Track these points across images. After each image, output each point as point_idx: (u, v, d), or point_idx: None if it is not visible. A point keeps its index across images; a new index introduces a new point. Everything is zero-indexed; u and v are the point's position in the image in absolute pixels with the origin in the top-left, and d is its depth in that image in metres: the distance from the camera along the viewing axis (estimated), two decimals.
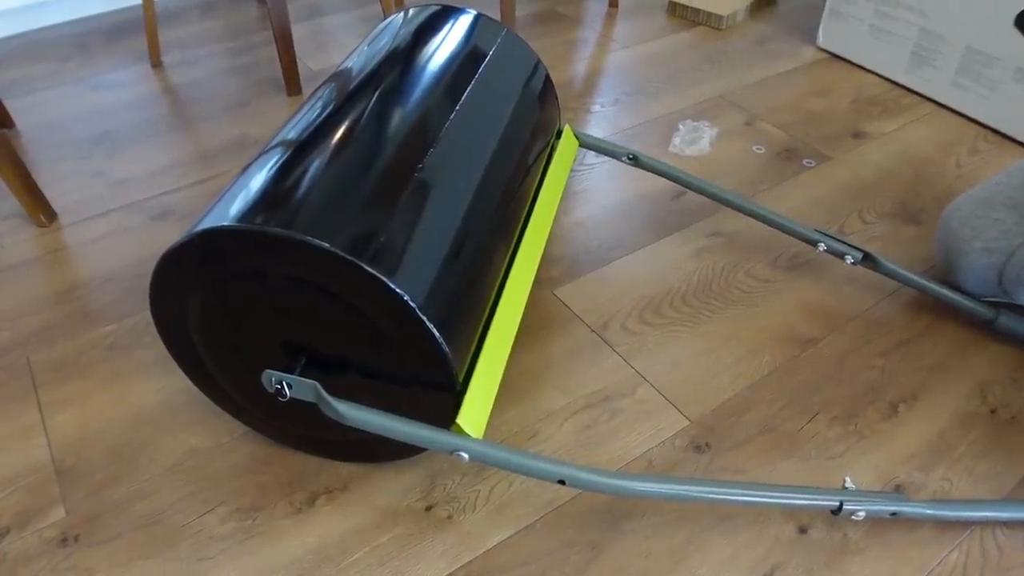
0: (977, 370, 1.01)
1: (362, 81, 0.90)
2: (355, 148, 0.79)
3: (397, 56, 0.94)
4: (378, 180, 0.76)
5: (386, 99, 0.86)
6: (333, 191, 0.73)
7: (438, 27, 1.01)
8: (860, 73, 1.67)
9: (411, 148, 0.81)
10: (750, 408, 0.94)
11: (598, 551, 0.80)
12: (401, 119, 0.84)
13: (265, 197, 0.72)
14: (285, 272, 0.71)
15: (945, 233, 1.04)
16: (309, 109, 0.87)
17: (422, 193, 0.77)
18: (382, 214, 0.72)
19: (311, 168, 0.76)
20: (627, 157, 1.14)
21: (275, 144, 0.82)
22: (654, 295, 1.09)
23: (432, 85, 0.90)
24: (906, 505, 0.79)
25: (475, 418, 0.74)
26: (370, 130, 0.82)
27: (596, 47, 1.74)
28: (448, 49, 0.97)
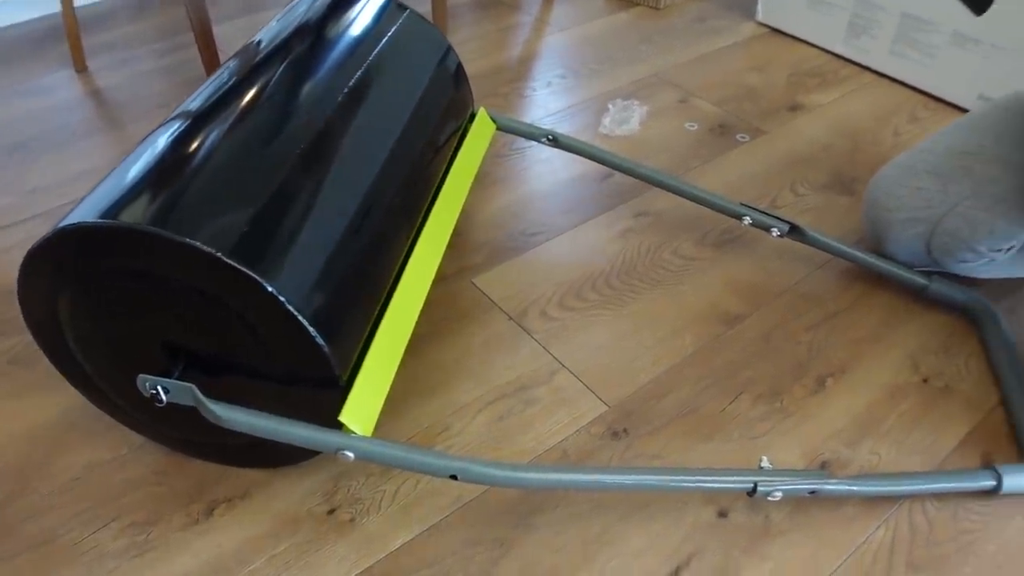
0: (909, 339, 0.98)
1: (252, 66, 0.86)
2: (234, 135, 0.75)
3: (291, 39, 0.90)
4: (254, 168, 0.72)
5: (272, 84, 0.82)
6: (204, 182, 0.69)
7: (339, 9, 0.97)
8: (799, 46, 1.64)
9: (293, 133, 0.77)
10: (671, 391, 0.90)
11: (506, 548, 0.76)
12: (284, 103, 0.80)
13: (133, 190, 0.68)
14: (152, 270, 0.66)
15: (870, 204, 1.01)
16: (194, 97, 0.83)
17: (302, 180, 0.73)
18: (255, 204, 0.68)
19: (184, 158, 0.72)
20: (546, 138, 1.10)
21: (155, 133, 0.77)
22: (576, 279, 1.05)
23: (321, 68, 0.86)
24: (825, 482, 0.75)
25: (362, 414, 0.70)
26: (251, 116, 0.78)
27: (532, 31, 1.71)
28: (342, 31, 0.93)
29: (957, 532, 0.79)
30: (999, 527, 0.79)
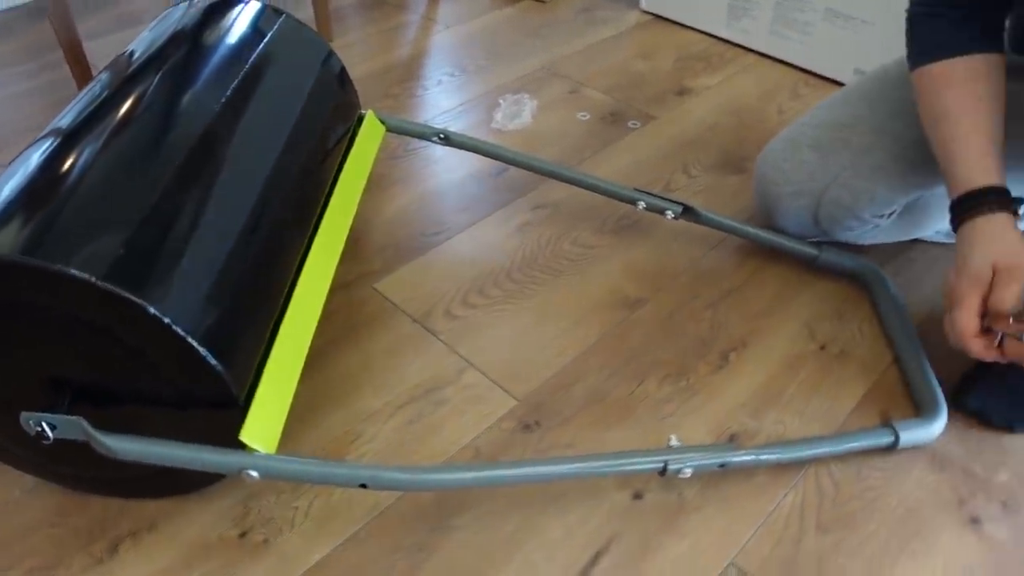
0: (804, 309, 1.01)
1: (124, 79, 0.82)
2: (107, 153, 0.71)
3: (164, 49, 0.87)
4: (130, 186, 0.69)
5: (145, 96, 0.79)
6: (77, 204, 0.66)
7: (213, 18, 0.94)
8: (683, 31, 1.67)
9: (169, 146, 0.74)
10: (578, 379, 0.91)
11: (427, 552, 0.75)
12: (159, 116, 0.77)
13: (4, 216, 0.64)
14: (28, 301, 0.63)
15: (759, 180, 1.03)
16: (63, 115, 0.78)
17: (181, 195, 0.70)
18: (133, 224, 0.65)
19: (54, 179, 0.68)
20: (437, 137, 1.09)
21: (21, 156, 0.73)
22: (478, 276, 1.04)
23: (196, 78, 0.83)
24: (733, 455, 0.77)
25: (264, 432, 0.68)
26: (125, 132, 0.74)
27: (419, 30, 1.69)
28: (217, 40, 0.90)
29: (861, 490, 0.81)
30: (900, 481, 0.82)
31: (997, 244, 0.75)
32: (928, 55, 0.84)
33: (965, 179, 0.79)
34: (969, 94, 0.81)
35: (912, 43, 0.87)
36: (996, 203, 0.77)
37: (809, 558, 0.75)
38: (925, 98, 0.85)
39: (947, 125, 0.82)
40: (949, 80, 0.82)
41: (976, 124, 0.80)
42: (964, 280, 0.76)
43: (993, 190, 0.77)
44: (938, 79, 0.83)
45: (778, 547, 0.76)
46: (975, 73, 0.81)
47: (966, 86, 0.81)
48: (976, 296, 0.75)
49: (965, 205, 0.78)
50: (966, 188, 0.78)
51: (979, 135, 0.80)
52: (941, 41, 0.83)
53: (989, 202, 0.77)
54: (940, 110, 0.82)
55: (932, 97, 0.84)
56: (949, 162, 0.81)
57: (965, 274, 0.76)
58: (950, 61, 0.82)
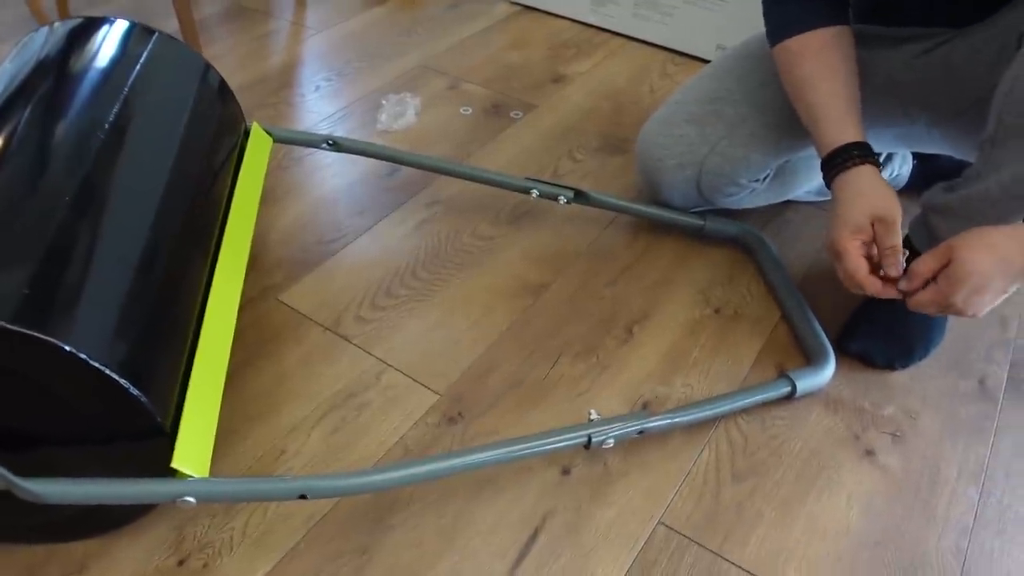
0: (697, 277, 1.06)
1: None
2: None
3: (35, 76, 0.83)
4: (22, 225, 0.66)
5: (22, 125, 0.76)
6: None
7: (84, 40, 0.91)
8: (552, 20, 1.71)
9: (57, 180, 0.72)
10: (494, 367, 0.93)
11: (369, 554, 0.76)
12: (40, 145, 0.74)
13: None
14: None
15: (641, 158, 1.08)
16: None
17: (77, 229, 0.69)
18: (26, 260, 0.63)
19: None
20: (326, 144, 1.09)
21: None
22: (383, 277, 1.05)
23: (76, 106, 0.80)
24: (649, 420, 0.81)
25: (195, 457, 0.67)
26: (8, 169, 0.71)
27: (289, 37, 1.67)
28: (93, 61, 0.87)
29: (767, 439, 0.87)
30: (800, 425, 0.89)
31: (869, 195, 0.82)
32: (784, 32, 0.91)
33: (831, 138, 0.86)
34: (824, 63, 0.88)
35: (769, 23, 0.93)
36: (860, 157, 0.84)
37: (728, 507, 0.81)
38: (785, 71, 0.92)
39: (808, 92, 0.89)
40: (804, 52, 0.89)
41: (833, 89, 0.87)
42: (844, 232, 0.82)
43: (856, 145, 0.84)
44: (795, 53, 0.90)
45: (700, 501, 0.81)
46: (827, 44, 0.88)
47: (820, 56, 0.88)
48: (857, 244, 0.81)
49: (834, 162, 0.85)
50: (832, 146, 0.85)
51: (837, 98, 0.87)
52: (793, 19, 0.90)
53: (854, 157, 0.84)
54: (800, 80, 0.89)
55: (792, 69, 0.90)
56: (814, 125, 0.88)
57: (844, 226, 0.82)
58: (803, 35, 0.89)
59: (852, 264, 0.81)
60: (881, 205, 0.81)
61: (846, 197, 0.83)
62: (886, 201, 0.81)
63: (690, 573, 0.75)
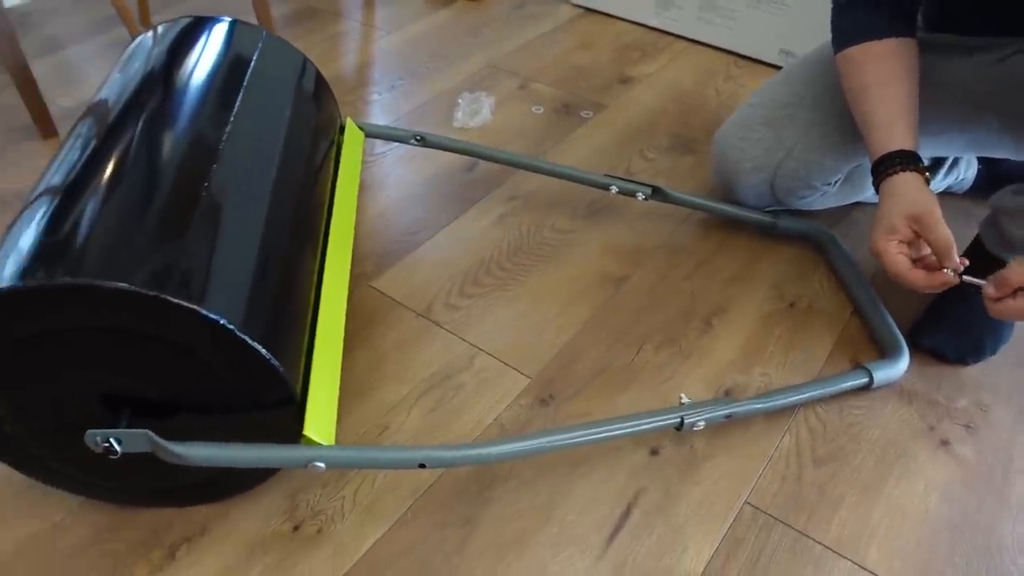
0: (770, 272, 1.10)
1: (124, 109, 0.84)
2: (132, 179, 0.74)
3: (157, 77, 0.89)
4: (164, 207, 0.72)
5: (155, 123, 0.82)
6: (117, 227, 0.69)
7: (194, 40, 0.96)
8: (615, 23, 1.75)
9: (192, 168, 0.77)
10: (581, 354, 0.98)
11: (472, 524, 0.81)
12: (175, 141, 0.80)
13: (43, 248, 0.66)
14: (86, 323, 0.65)
15: (717, 159, 1.12)
16: (70, 148, 0.80)
17: (214, 212, 0.74)
18: (176, 241, 0.69)
19: (88, 208, 0.70)
20: (414, 139, 1.15)
21: (40, 192, 0.75)
22: (469, 267, 1.10)
23: (201, 101, 0.86)
24: (737, 406, 0.85)
25: (323, 425, 0.72)
26: (144, 157, 0.77)
27: (361, 38, 1.73)
28: (210, 61, 0.92)
29: (846, 426, 0.91)
30: (877, 415, 0.92)
31: (902, 197, 0.86)
32: (847, 40, 0.95)
33: (879, 145, 0.89)
34: (883, 72, 0.92)
35: (834, 30, 0.97)
36: (903, 164, 0.87)
37: (811, 489, 0.84)
38: (846, 78, 0.95)
39: (864, 100, 0.92)
40: (865, 61, 0.93)
41: (888, 96, 0.91)
42: (879, 233, 0.86)
43: (901, 153, 0.87)
44: (856, 61, 0.94)
45: (784, 483, 0.85)
46: (887, 53, 0.92)
47: (880, 65, 0.92)
48: (894, 243, 0.85)
49: (880, 167, 0.89)
50: (880, 153, 0.89)
51: (890, 106, 0.90)
52: (858, 28, 0.94)
53: (897, 164, 0.87)
54: (858, 87, 0.93)
55: (852, 76, 0.94)
56: (867, 131, 0.92)
57: (880, 228, 0.86)
58: (866, 44, 0.93)
59: (891, 261, 0.85)
60: (913, 204, 0.84)
61: (883, 201, 0.87)
62: (918, 200, 0.84)
63: (777, 549, 0.79)
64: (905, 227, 0.85)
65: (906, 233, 0.85)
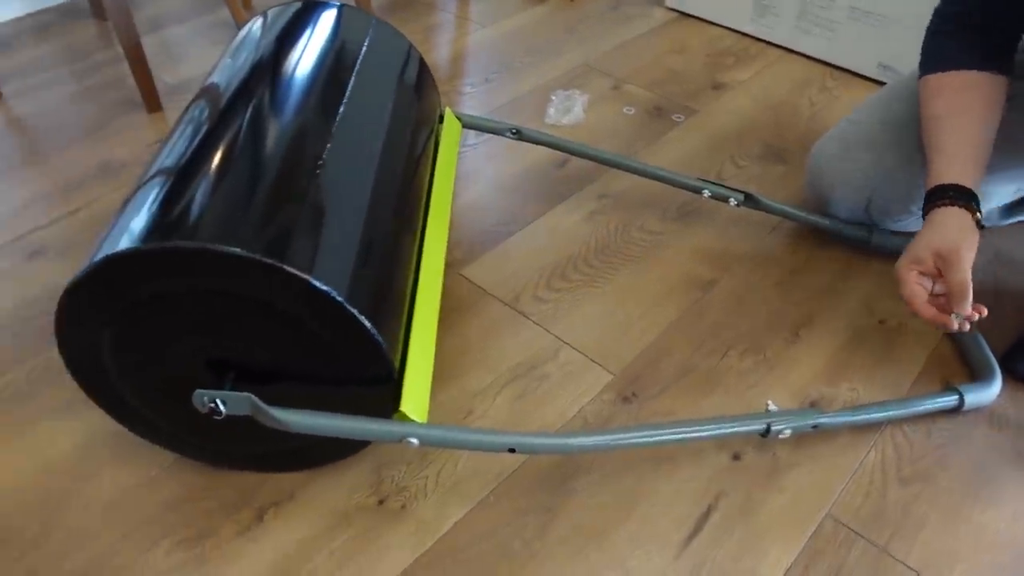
0: (861, 287, 1.09)
1: (240, 87, 0.87)
2: (249, 152, 0.77)
3: (271, 58, 0.92)
4: (280, 180, 0.75)
5: (271, 101, 0.85)
6: (235, 197, 0.72)
7: (306, 25, 1.00)
8: (709, 28, 1.75)
9: (307, 146, 0.80)
10: (666, 353, 0.98)
11: (553, 513, 0.82)
12: (291, 119, 0.83)
13: (165, 213, 0.70)
14: (201, 286, 0.69)
15: (812, 174, 1.11)
16: (188, 123, 0.84)
17: (327, 188, 0.77)
18: (291, 213, 0.72)
19: (207, 178, 0.74)
20: (510, 132, 1.16)
21: (162, 160, 0.79)
22: (557, 262, 1.11)
23: (315, 82, 0.89)
24: (824, 417, 0.85)
25: (417, 403, 0.75)
26: (261, 133, 0.80)
27: (456, 29, 1.75)
28: (322, 45, 0.95)
29: (933, 447, 0.90)
30: (965, 439, 0.91)
31: (937, 231, 0.84)
32: (932, 66, 0.94)
33: (937, 175, 0.88)
34: (958, 103, 0.90)
35: (923, 54, 0.96)
36: (952, 199, 0.85)
37: (895, 508, 0.84)
38: (923, 104, 0.94)
39: (935, 127, 0.91)
40: (943, 90, 0.92)
41: (958, 127, 0.89)
42: (904, 260, 0.87)
43: (956, 188, 0.86)
44: (934, 88, 0.93)
45: (867, 499, 0.84)
46: (966, 85, 0.90)
47: (957, 96, 0.91)
48: (913, 274, 0.85)
49: (931, 197, 0.88)
50: (936, 182, 0.88)
51: (958, 137, 0.89)
52: (943, 56, 0.93)
53: (947, 197, 0.86)
54: (932, 115, 0.92)
55: (928, 103, 0.93)
56: (930, 158, 0.90)
57: (907, 255, 0.86)
58: (949, 73, 0.92)
59: (907, 291, 0.85)
60: (944, 240, 0.83)
61: (922, 230, 0.87)
62: (952, 237, 0.83)
63: (857, 565, 0.79)
64: (930, 260, 0.84)
65: (929, 266, 0.85)
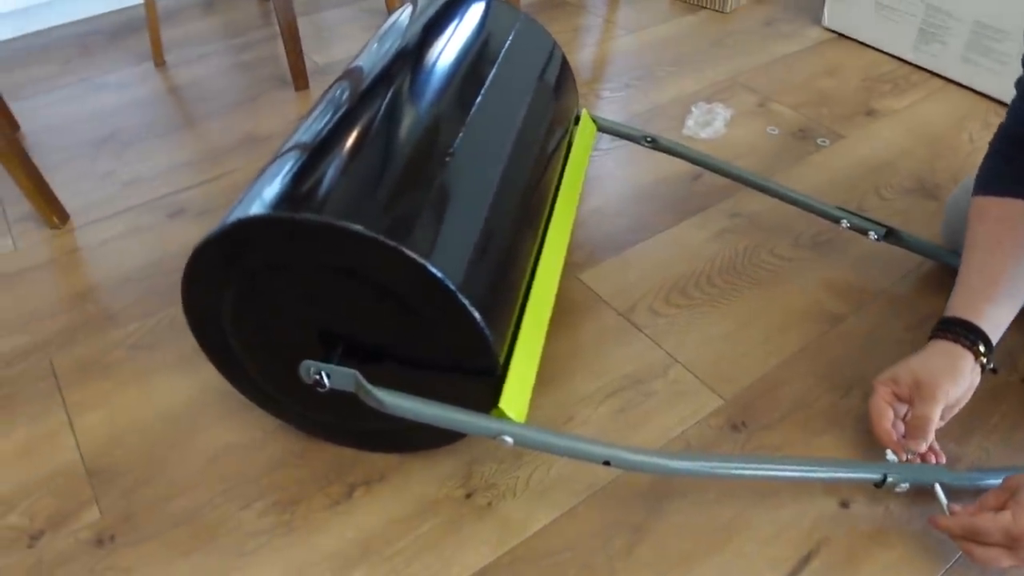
0: (1005, 342, 1.00)
1: (382, 71, 0.88)
2: (383, 135, 0.78)
3: (416, 46, 0.93)
4: (409, 166, 0.75)
5: (410, 88, 0.86)
6: (364, 177, 0.73)
7: (453, 15, 1.00)
8: (867, 52, 1.66)
9: (440, 134, 0.80)
10: (783, 385, 0.94)
11: (642, 533, 0.79)
12: (427, 107, 0.83)
13: (296, 185, 0.72)
14: (321, 260, 0.70)
15: (948, 216, 1.04)
16: (329, 102, 0.86)
17: (454, 178, 0.77)
18: (416, 199, 0.72)
19: (340, 156, 0.75)
20: (646, 140, 1.14)
21: (300, 135, 0.81)
22: (679, 277, 1.08)
23: (455, 73, 0.89)
24: (949, 475, 0.79)
25: (517, 402, 0.73)
26: (397, 118, 0.81)
27: (602, 33, 1.74)
28: (466, 36, 0.96)
29: None
30: None
31: (927, 362, 0.81)
32: (982, 187, 0.89)
33: (951, 306, 0.85)
34: (995, 233, 0.85)
35: (978, 172, 0.91)
36: (955, 335, 0.81)
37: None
38: (967, 225, 0.89)
39: (967, 255, 0.87)
40: (985, 215, 0.87)
41: (986, 262, 0.84)
42: (884, 376, 0.83)
43: (965, 325, 0.82)
44: (978, 210, 0.88)
45: (985, 571, 0.77)
46: (1010, 215, 0.85)
47: (997, 225, 0.85)
48: (886, 392, 0.82)
49: (940, 325, 0.84)
50: (947, 314, 0.84)
51: (984, 272, 0.84)
52: (998, 180, 0.88)
53: (954, 332, 0.81)
54: (969, 240, 0.87)
55: (970, 225, 0.88)
56: (956, 284, 0.86)
57: (889, 371, 0.83)
58: (996, 199, 0.86)
59: (872, 404, 0.82)
60: (927, 371, 0.80)
61: (916, 354, 0.82)
62: (937, 371, 0.80)
63: None
64: (906, 386, 0.81)
65: (904, 392, 0.81)
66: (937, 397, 0.79)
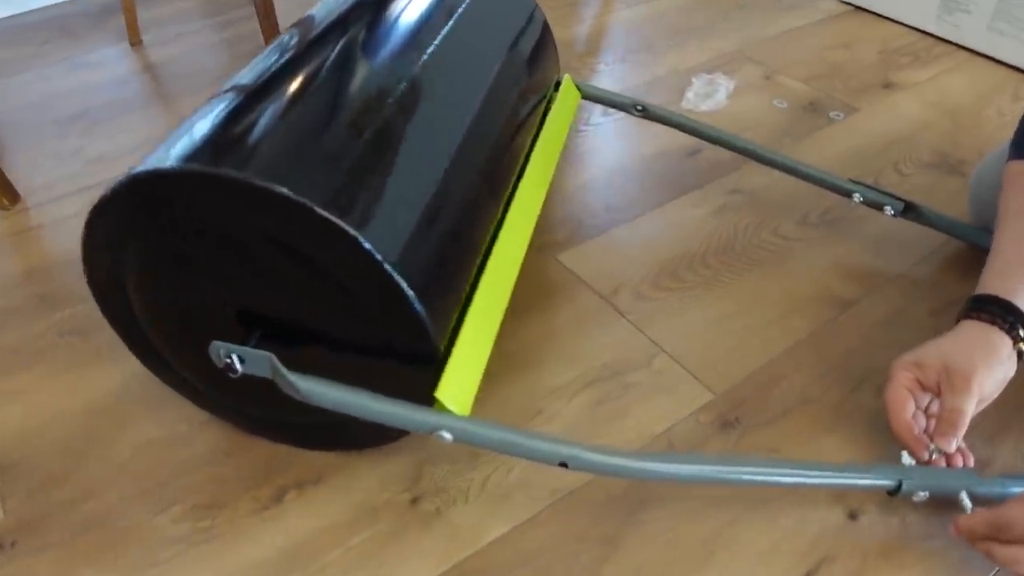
0: None
1: (329, 25, 0.78)
2: (317, 89, 0.68)
3: None
4: (342, 122, 0.65)
5: (354, 40, 0.76)
6: (290, 133, 0.63)
7: None
8: (886, 23, 1.54)
9: (380, 89, 0.70)
10: (784, 378, 0.82)
11: (613, 546, 0.68)
12: (370, 59, 0.73)
13: (212, 139, 0.62)
14: (234, 224, 0.60)
15: (974, 191, 0.94)
16: (268, 53, 0.76)
17: (394, 137, 0.66)
18: (355, 159, 0.62)
19: (266, 109, 0.65)
20: (636, 108, 1.03)
21: (227, 87, 0.71)
22: (670, 258, 0.97)
23: (405, 26, 0.79)
24: (978, 483, 0.67)
25: (459, 392, 0.63)
26: (334, 71, 0.71)
27: (601, 6, 1.63)
28: None
29: None
30: None
31: (959, 346, 0.70)
32: (1017, 152, 0.78)
33: (984, 282, 0.74)
34: None
35: (1014, 136, 0.80)
36: (991, 315, 0.70)
37: None
38: (1001, 191, 0.78)
39: (1001, 223, 0.76)
40: (1018, 181, 0.76)
41: (1018, 232, 0.73)
42: (906, 358, 0.72)
43: (1000, 303, 0.70)
44: (1013, 175, 0.77)
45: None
46: None
47: None
48: (908, 377, 0.71)
49: (970, 304, 0.73)
50: (980, 290, 0.73)
51: (1021, 245, 0.73)
52: None
53: (992, 313, 0.70)
54: (1003, 207, 0.76)
55: (1004, 191, 0.77)
56: (989, 259, 0.75)
57: (912, 354, 0.72)
58: None
59: (890, 392, 0.71)
60: (957, 357, 0.68)
61: (945, 336, 0.71)
62: (970, 359, 0.68)
63: None
64: (934, 372, 0.69)
65: (930, 379, 0.69)
66: (972, 388, 0.67)
